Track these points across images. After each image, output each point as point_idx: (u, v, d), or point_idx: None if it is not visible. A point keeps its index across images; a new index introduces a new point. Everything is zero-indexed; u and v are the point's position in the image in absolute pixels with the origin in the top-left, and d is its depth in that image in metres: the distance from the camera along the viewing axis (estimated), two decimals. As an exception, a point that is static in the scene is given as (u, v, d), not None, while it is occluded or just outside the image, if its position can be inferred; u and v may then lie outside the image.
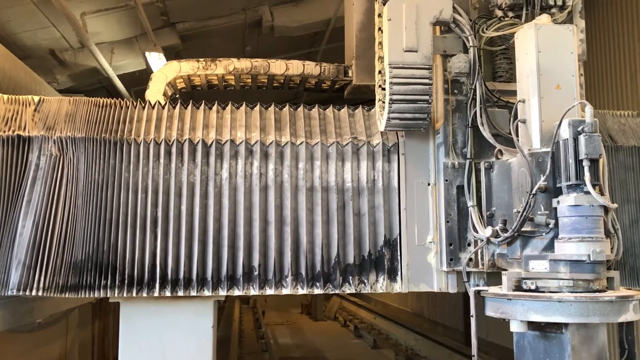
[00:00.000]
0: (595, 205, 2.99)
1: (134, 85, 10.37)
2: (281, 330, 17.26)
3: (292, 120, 4.00)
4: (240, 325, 16.55)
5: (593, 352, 3.06)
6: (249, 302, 20.84)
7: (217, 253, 3.84)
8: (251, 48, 11.36)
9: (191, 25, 9.32)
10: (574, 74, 3.28)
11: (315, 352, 14.73)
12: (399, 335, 15.16)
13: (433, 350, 13.57)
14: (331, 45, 12.32)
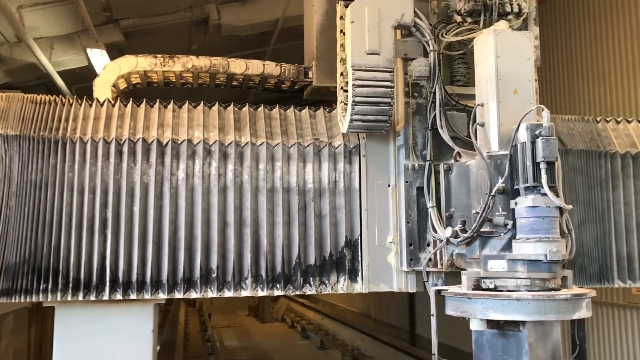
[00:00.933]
0: (551, 207, 3.09)
1: (75, 82, 10.07)
2: (228, 332, 17.10)
3: (252, 121, 3.97)
4: (186, 329, 16.30)
5: (548, 348, 3.16)
6: (194, 305, 20.55)
7: (172, 255, 3.76)
8: (197, 46, 11.21)
9: (135, 22, 9.11)
10: (530, 79, 3.39)
11: (262, 354, 14.66)
12: (346, 335, 15.28)
13: (379, 350, 13.76)
14: (279, 46, 12.32)
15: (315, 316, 17.44)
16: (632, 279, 4.25)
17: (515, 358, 3.15)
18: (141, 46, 9.60)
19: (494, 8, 3.65)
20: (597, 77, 9.45)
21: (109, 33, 8.87)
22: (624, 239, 4.26)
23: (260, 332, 17.17)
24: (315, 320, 17.21)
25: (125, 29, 8.96)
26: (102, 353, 3.75)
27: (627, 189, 4.30)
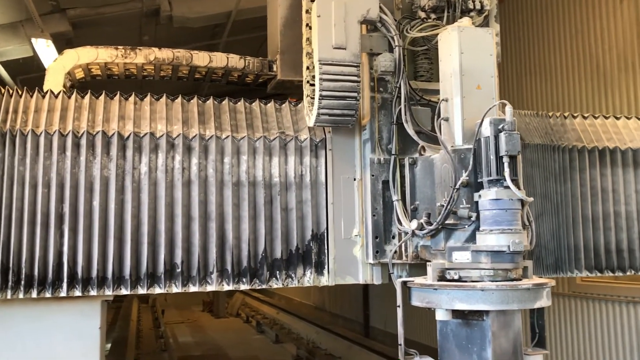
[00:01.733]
0: (514, 199, 3.19)
1: (20, 73, 9.73)
2: (181, 328, 16.91)
3: (216, 114, 3.93)
4: (139, 325, 16.02)
5: (510, 337, 3.27)
6: (148, 301, 20.23)
7: (135, 250, 3.71)
8: (149, 38, 11.02)
9: (83, 12, 8.86)
10: (492, 75, 3.48)
11: (217, 350, 14.58)
12: (301, 329, 15.34)
13: (334, 343, 13.88)
14: (233, 38, 12.22)
15: (271, 310, 17.44)
16: (588, 269, 4.43)
17: (479, 347, 3.24)
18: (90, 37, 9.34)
19: (457, 5, 3.73)
20: (544, 73, 9.79)
21: (55, 23, 8.58)
22: (575, 230, 4.42)
23: (215, 328, 17.05)
24: (270, 314, 17.20)
25: (72, 19, 8.69)
26: (44, 354, 3.63)
27: (574, 181, 4.46)
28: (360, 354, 12.93)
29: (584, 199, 4.50)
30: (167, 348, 13.76)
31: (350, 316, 15.93)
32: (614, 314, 8.42)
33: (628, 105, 8.20)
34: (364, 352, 12.99)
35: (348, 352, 13.28)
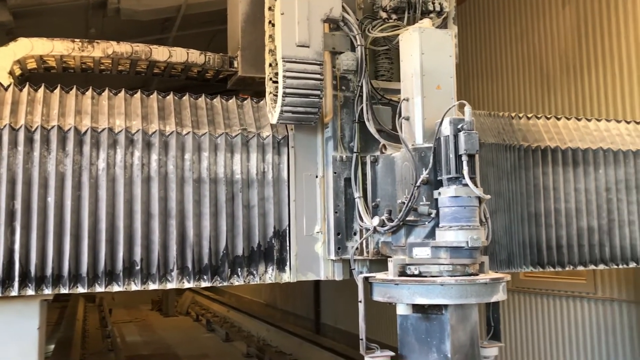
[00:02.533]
0: (472, 197, 3.29)
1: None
2: (129, 328, 16.61)
3: (177, 109, 3.89)
4: (85, 325, 15.65)
5: (467, 330, 3.37)
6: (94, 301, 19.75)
7: (93, 248, 3.63)
8: (95, 30, 10.76)
9: (25, 1, 8.54)
10: (452, 76, 3.57)
11: (166, 349, 14.39)
12: (252, 327, 15.32)
13: (284, 340, 13.93)
14: (182, 33, 12.07)
15: (221, 309, 17.32)
16: (532, 264, 4.60)
17: (438, 340, 3.33)
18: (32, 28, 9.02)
19: (418, 6, 3.80)
20: (490, 74, 10.09)
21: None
22: (523, 227, 4.59)
23: (164, 327, 16.83)
24: (220, 312, 17.09)
25: (13, 8, 8.35)
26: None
27: (522, 179, 4.63)
28: (310, 351, 13.02)
29: (529, 197, 4.67)
30: (114, 348, 13.51)
31: (302, 313, 15.99)
32: (555, 308, 8.77)
33: (569, 106, 8.54)
34: (314, 349, 13.08)
35: (299, 349, 13.34)
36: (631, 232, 4.92)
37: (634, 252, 4.94)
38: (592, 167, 4.89)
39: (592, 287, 8.19)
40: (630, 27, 7.59)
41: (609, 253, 4.87)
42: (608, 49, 7.93)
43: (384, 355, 3.42)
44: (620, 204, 4.92)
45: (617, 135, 5.12)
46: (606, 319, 7.97)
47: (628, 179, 4.97)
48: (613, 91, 7.87)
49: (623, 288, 7.79)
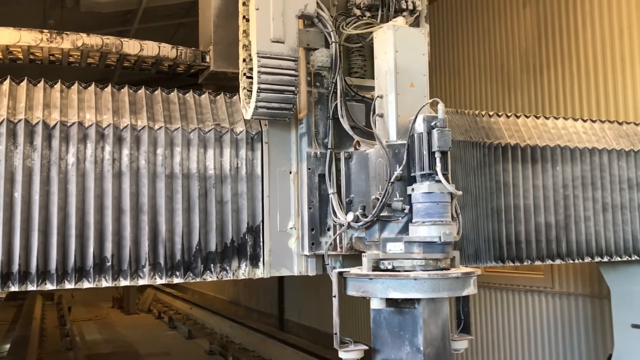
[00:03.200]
0: (445, 193, 3.36)
1: None
2: (89, 326, 16.31)
3: (149, 104, 3.85)
4: (42, 324, 15.30)
5: (439, 323, 3.44)
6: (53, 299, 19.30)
7: (62, 244, 3.57)
8: (54, 22, 10.52)
9: (-22, -11, 8.32)
10: (425, 74, 3.63)
11: (127, 347, 14.21)
12: (215, 324, 15.24)
13: (248, 337, 13.93)
14: (144, 26, 11.91)
15: (184, 306, 17.17)
16: (495, 259, 4.71)
17: (411, 333, 3.39)
18: (-13, 17, 8.80)
19: (391, 4, 3.85)
20: (452, 72, 10.28)
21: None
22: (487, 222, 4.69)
23: (125, 324, 16.58)
24: (183, 310, 16.94)
25: (-35, -4, 8.11)
26: None
27: (486, 175, 4.73)
28: (274, 347, 13.05)
29: (492, 193, 4.78)
30: (72, 347, 13.26)
31: (265, 309, 15.99)
32: (514, 303, 9.00)
33: (529, 104, 8.77)
34: (277, 345, 13.12)
35: (262, 345, 13.36)
36: (587, 227, 5.04)
37: (589, 247, 5.06)
38: (550, 164, 4.99)
39: (550, 281, 8.44)
40: (588, 28, 7.83)
41: (566, 248, 4.98)
42: (566, 49, 8.17)
43: (358, 349, 3.46)
44: (577, 200, 5.04)
45: (574, 133, 5.24)
46: (563, 313, 8.23)
47: (584, 175, 5.09)
48: (571, 90, 8.11)
49: (579, 282, 8.05)
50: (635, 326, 5.71)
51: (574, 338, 8.04)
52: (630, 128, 5.62)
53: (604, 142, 5.29)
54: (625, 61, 7.33)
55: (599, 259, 5.09)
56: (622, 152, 5.29)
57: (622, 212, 5.20)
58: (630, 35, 7.26)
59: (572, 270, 8.16)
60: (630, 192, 5.26)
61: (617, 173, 5.22)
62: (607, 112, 7.54)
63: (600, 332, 7.64)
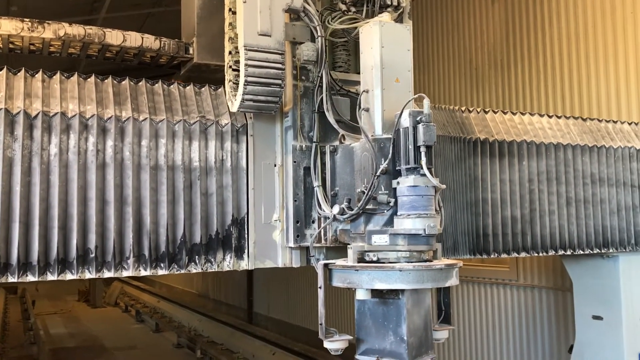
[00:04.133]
0: (429, 186, 3.43)
1: None
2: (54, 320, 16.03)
3: (133, 95, 3.82)
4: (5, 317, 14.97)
5: (422, 314, 3.52)
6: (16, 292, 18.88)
7: (44, 235, 3.53)
8: (17, 9, 10.30)
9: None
10: (409, 70, 3.70)
11: (92, 341, 14.03)
12: (183, 317, 15.15)
13: (216, 330, 13.90)
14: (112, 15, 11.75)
15: (151, 299, 17.01)
16: (472, 251, 4.83)
17: (395, 323, 3.46)
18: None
19: (376, 0, 3.90)
20: (422, 67, 10.41)
21: None
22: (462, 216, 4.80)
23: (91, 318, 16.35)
24: (150, 303, 16.78)
25: None
26: None
27: (461, 170, 4.82)
28: (242, 340, 13.06)
29: (466, 187, 4.88)
30: (36, 341, 13.02)
31: (234, 303, 15.95)
32: (480, 295, 9.20)
33: (496, 99, 8.95)
34: (246, 338, 13.14)
35: (230, 338, 13.36)
36: (551, 221, 5.14)
37: (553, 240, 5.16)
38: (517, 159, 5.08)
39: (515, 274, 8.65)
40: (554, 26, 8.04)
41: (531, 241, 5.06)
42: (533, 46, 8.37)
43: (343, 339, 3.52)
44: (542, 194, 5.12)
45: (540, 128, 5.34)
46: (527, 305, 8.45)
47: (549, 170, 5.17)
48: (537, 86, 8.32)
49: (543, 275, 8.28)
50: (595, 317, 5.88)
51: (538, 329, 8.28)
52: (594, 124, 5.75)
53: (569, 137, 5.41)
54: (589, 59, 7.55)
55: (562, 252, 5.19)
56: (586, 147, 5.41)
57: (585, 207, 5.32)
58: (595, 34, 7.48)
59: (536, 263, 8.38)
60: (593, 186, 5.39)
61: (580, 168, 5.33)
62: (572, 108, 7.76)
63: (563, 324, 7.87)
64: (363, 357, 3.53)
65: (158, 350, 13.64)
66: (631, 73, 7.04)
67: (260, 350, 12.03)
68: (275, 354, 11.60)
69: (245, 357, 12.31)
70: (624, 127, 5.91)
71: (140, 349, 13.62)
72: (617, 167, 5.53)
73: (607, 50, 7.32)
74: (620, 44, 7.16)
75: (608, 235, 5.42)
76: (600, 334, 5.84)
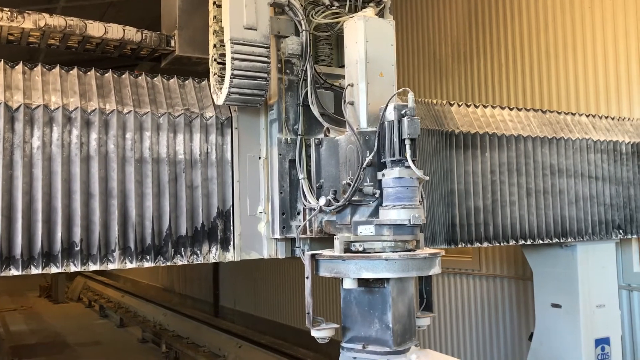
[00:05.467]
0: (414, 178, 3.53)
1: None
2: (14, 316, 15.65)
3: (117, 87, 3.80)
4: (-38, 316, 14.54)
5: (405, 302, 3.63)
6: (-26, 289, 18.34)
7: (27, 228, 3.50)
8: (-31, -3, 9.97)
9: None
10: (393, 64, 3.78)
11: (54, 337, 13.78)
12: (148, 311, 15.00)
13: (181, 324, 13.83)
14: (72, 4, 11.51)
15: (115, 294, 16.76)
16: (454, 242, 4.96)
17: (380, 311, 3.55)
18: None
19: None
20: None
21: None
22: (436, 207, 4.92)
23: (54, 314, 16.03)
24: (115, 298, 16.54)
25: None
26: None
27: (436, 162, 4.93)
28: (208, 334, 13.03)
29: (441, 179, 5.00)
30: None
31: (200, 296, 15.87)
32: (443, 285, 9.42)
33: (459, 92, 9.13)
34: (212, 332, 13.11)
35: (196, 332, 13.30)
36: (512, 212, 5.26)
37: (514, 230, 5.28)
38: (479, 150, 5.18)
39: (477, 264, 8.88)
40: (516, 20, 8.26)
41: (493, 232, 5.18)
42: (495, 39, 8.57)
43: (329, 327, 3.59)
44: (503, 185, 5.24)
45: (501, 121, 5.45)
46: (489, 294, 8.69)
47: (510, 162, 5.28)
48: (499, 78, 8.52)
49: (505, 265, 8.52)
50: (554, 305, 6.08)
51: (500, 317, 8.52)
52: (553, 116, 5.89)
53: (529, 129, 5.52)
54: (549, 52, 7.79)
55: (522, 242, 5.32)
56: (545, 139, 5.53)
57: (544, 197, 5.45)
58: (555, 28, 7.72)
59: (498, 253, 8.61)
60: (552, 177, 5.52)
61: (540, 159, 5.45)
62: (532, 101, 7.97)
63: (524, 312, 8.10)
64: (349, 345, 3.62)
65: (123, 345, 13.49)
66: (588, 66, 7.28)
67: (226, 344, 12.02)
68: (241, 347, 11.61)
69: (212, 350, 12.28)
70: (582, 119, 6.07)
71: (105, 344, 13.44)
72: (575, 158, 5.68)
73: (566, 44, 7.55)
74: (579, 37, 7.40)
75: (566, 225, 5.56)
76: (558, 321, 6.04)
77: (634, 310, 6.81)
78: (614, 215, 5.91)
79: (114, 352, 12.81)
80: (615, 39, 7.00)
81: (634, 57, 6.80)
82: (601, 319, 6.03)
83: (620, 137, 6.11)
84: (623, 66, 6.91)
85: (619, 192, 5.97)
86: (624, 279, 6.81)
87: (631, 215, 6.07)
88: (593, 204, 5.75)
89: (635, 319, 6.82)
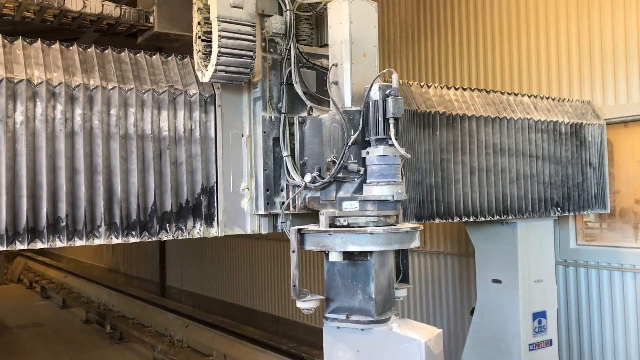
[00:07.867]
0: (397, 155, 3.70)
1: None
2: (-52, 300, 14.98)
3: (100, 63, 3.76)
4: None
5: (386, 274, 3.82)
6: None
7: (11, 204, 3.45)
8: None
9: None
10: (375, 45, 3.91)
11: (-7, 320, 13.31)
12: (91, 292, 14.73)
13: (127, 304, 13.68)
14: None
15: (58, 274, 16.31)
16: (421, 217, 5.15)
17: (363, 283, 3.72)
18: None
19: (341, -24, 4.05)
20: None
21: None
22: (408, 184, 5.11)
23: (-8, 296, 15.47)
24: (57, 278, 16.10)
25: None
26: None
27: (407, 141, 5.08)
28: (155, 314, 12.96)
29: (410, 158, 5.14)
30: None
31: (146, 276, 15.68)
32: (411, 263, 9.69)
33: (407, 71, 9.36)
34: (158, 312, 13.05)
35: (142, 312, 13.20)
36: (456, 190, 5.40)
37: (458, 208, 5.43)
38: (431, 129, 5.28)
39: (422, 242, 9.17)
40: (462, 2, 8.52)
41: (443, 209, 5.32)
42: (442, 20, 8.82)
43: (315, 299, 3.74)
44: (449, 164, 5.36)
45: (449, 101, 5.57)
46: (434, 270, 9.00)
47: (455, 140, 5.41)
48: (446, 59, 8.79)
49: (448, 242, 8.86)
50: (495, 281, 6.37)
51: (443, 293, 8.84)
52: (497, 96, 6.05)
53: (473, 109, 5.65)
54: (495, 34, 8.10)
55: (466, 219, 5.49)
56: (489, 119, 5.68)
57: (487, 176, 5.59)
58: (500, 11, 8.03)
59: (442, 231, 8.90)
60: (495, 156, 5.66)
61: (483, 139, 5.60)
62: (477, 81, 8.26)
63: (466, 287, 8.43)
64: (333, 315, 3.78)
65: (65, 326, 13.21)
66: (532, 48, 7.61)
67: (172, 323, 11.97)
68: (188, 327, 11.62)
69: (158, 330, 12.22)
70: (524, 100, 6.25)
71: (46, 326, 13.13)
72: (517, 137, 5.85)
73: (511, 27, 7.86)
74: (523, 20, 7.71)
75: (507, 202, 5.74)
76: (499, 296, 6.30)
77: (569, 285, 7.21)
78: (552, 194, 6.14)
79: (56, 333, 12.53)
80: (557, 22, 7.33)
81: (574, 40, 7.14)
82: (539, 294, 6.33)
83: (560, 117, 6.36)
84: (564, 49, 7.25)
85: (558, 171, 6.20)
86: (560, 255, 7.19)
87: (569, 194, 6.33)
88: (533, 183, 5.94)
89: (570, 293, 7.21)
